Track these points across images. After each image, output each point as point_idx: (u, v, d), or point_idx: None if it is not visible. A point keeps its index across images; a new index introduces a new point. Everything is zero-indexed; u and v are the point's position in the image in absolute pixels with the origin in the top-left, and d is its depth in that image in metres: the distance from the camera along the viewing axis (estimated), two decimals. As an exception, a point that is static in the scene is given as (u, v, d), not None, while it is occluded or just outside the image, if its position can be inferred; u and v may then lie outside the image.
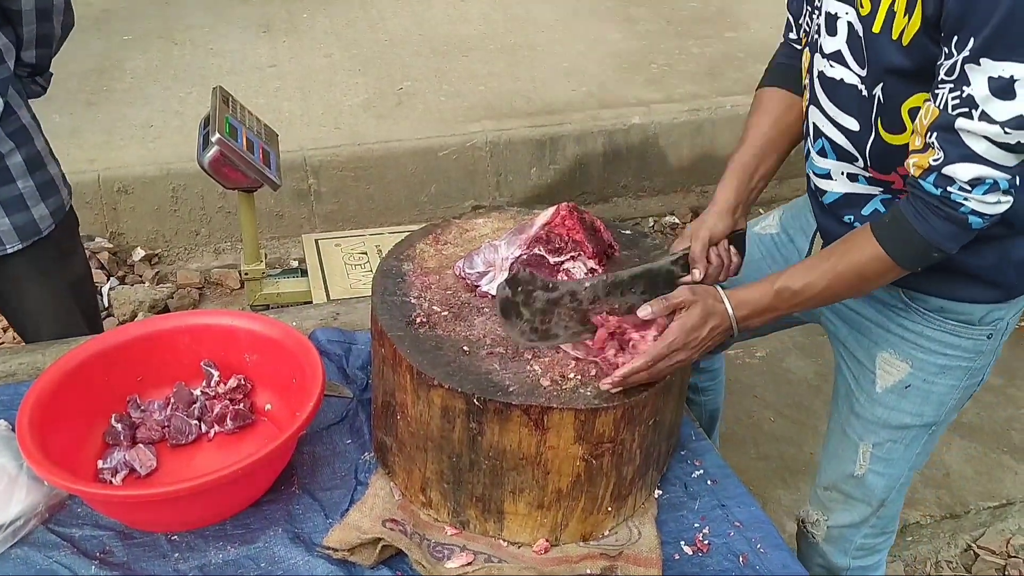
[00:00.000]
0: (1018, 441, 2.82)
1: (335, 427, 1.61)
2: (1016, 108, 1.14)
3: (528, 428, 1.27)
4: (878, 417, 1.58)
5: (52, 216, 1.84)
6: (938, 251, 1.28)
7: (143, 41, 4.61)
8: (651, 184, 4.17)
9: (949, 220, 1.24)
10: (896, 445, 1.60)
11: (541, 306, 1.34)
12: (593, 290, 1.36)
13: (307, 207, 3.72)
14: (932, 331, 1.48)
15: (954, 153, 1.20)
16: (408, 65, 4.47)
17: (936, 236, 1.26)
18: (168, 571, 1.34)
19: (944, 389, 1.53)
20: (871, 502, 1.66)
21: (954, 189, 1.22)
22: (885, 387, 1.55)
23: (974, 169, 1.19)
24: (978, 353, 1.50)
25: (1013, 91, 1.13)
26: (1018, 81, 1.12)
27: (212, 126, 2.51)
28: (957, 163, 1.20)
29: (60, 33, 1.80)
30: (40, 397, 1.42)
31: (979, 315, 1.45)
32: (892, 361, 1.53)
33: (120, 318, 3.25)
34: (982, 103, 1.15)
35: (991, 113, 1.15)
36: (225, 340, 1.62)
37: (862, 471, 1.63)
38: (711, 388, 2.06)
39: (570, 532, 1.40)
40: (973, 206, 1.22)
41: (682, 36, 4.91)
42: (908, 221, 1.28)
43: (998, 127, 1.15)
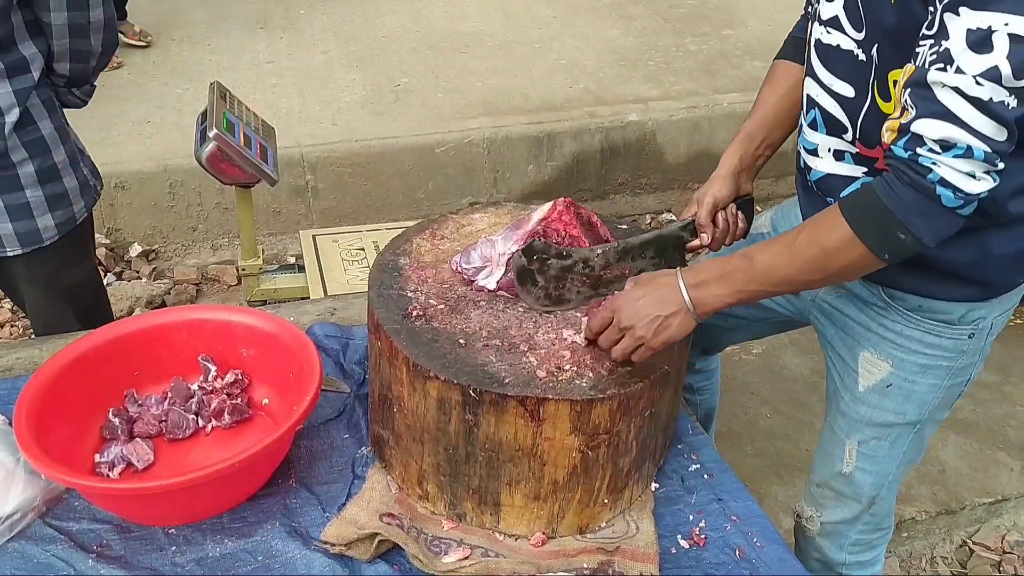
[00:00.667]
0: (1013, 438, 2.83)
1: (332, 422, 1.62)
2: (991, 60, 1.08)
3: (524, 420, 1.27)
4: (862, 415, 1.57)
5: (57, 228, 1.82)
6: (904, 230, 1.18)
7: (140, 37, 4.60)
8: (648, 181, 4.17)
9: (915, 188, 1.15)
10: (881, 443, 1.59)
11: (555, 273, 1.42)
12: (605, 256, 1.44)
13: (304, 203, 3.72)
14: (911, 330, 1.46)
15: (925, 108, 1.13)
16: (405, 62, 4.47)
17: (899, 206, 1.17)
18: (165, 564, 1.35)
19: (925, 388, 1.51)
20: (860, 499, 1.66)
21: (923, 150, 1.14)
22: (867, 386, 1.55)
23: (944, 128, 1.12)
24: (959, 353, 1.47)
25: (990, 43, 1.07)
26: (996, 32, 1.07)
27: (209, 122, 2.51)
28: (926, 118, 1.13)
29: (100, 50, 1.78)
30: (37, 391, 1.42)
31: (958, 314, 1.42)
32: (873, 360, 1.52)
33: (117, 314, 3.23)
34: (957, 56, 1.09)
35: (965, 65, 1.09)
36: (222, 335, 1.62)
37: (849, 469, 1.63)
38: (707, 388, 2.06)
39: (567, 524, 1.40)
40: (943, 172, 1.13)
41: (679, 33, 4.91)
42: (874, 191, 1.21)
43: (969, 78, 1.09)
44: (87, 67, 1.80)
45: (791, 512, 2.50)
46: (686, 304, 1.31)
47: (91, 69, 1.82)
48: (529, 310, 1.44)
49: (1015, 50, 1.07)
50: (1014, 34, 1.07)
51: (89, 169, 1.93)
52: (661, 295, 1.32)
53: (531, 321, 1.42)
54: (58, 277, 1.90)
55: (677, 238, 1.51)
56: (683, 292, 1.31)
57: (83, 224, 1.91)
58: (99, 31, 1.75)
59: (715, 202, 1.51)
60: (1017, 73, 1.08)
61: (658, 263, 1.46)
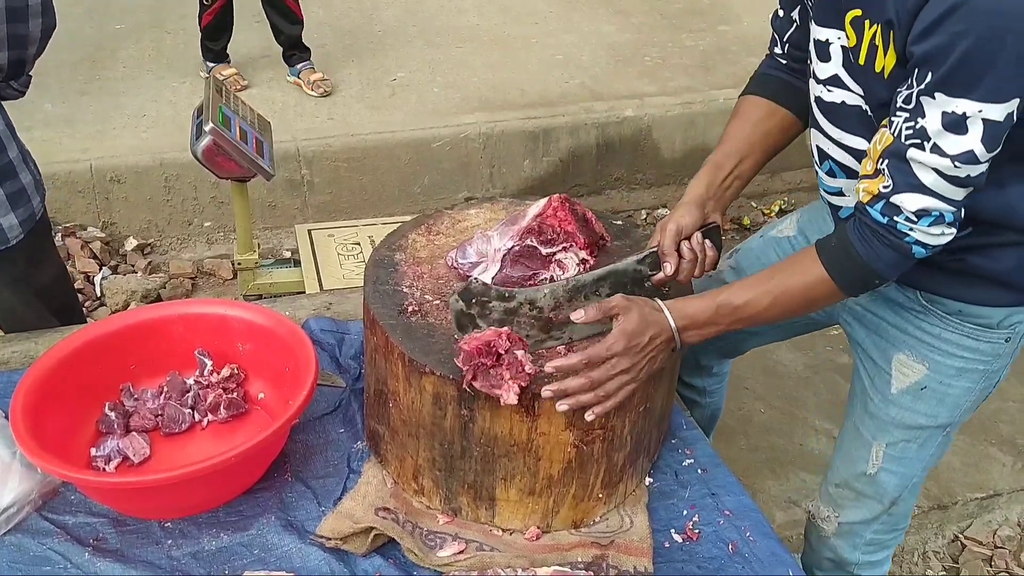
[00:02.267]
0: (1006, 433, 2.84)
1: (328, 416, 1.62)
2: (966, 143, 1.14)
3: (519, 415, 1.28)
4: (892, 417, 1.57)
5: (21, 226, 1.76)
6: (879, 277, 1.30)
7: (136, 30, 4.59)
8: (644, 177, 4.18)
9: (893, 248, 1.25)
10: (910, 445, 1.59)
11: (498, 316, 1.31)
12: (553, 295, 1.32)
13: (300, 198, 3.72)
14: (950, 334, 1.47)
15: (903, 182, 1.20)
16: (402, 56, 4.46)
17: (879, 263, 1.27)
18: (161, 558, 1.35)
19: (960, 391, 1.52)
20: (883, 500, 1.65)
21: (900, 219, 1.23)
22: (901, 388, 1.54)
23: (921, 200, 1.20)
24: (995, 356, 1.49)
25: (965, 127, 1.14)
26: (970, 118, 1.13)
27: (205, 115, 2.51)
28: (905, 192, 1.21)
29: (39, 35, 1.68)
30: (33, 385, 1.43)
31: (998, 319, 1.44)
32: (908, 363, 1.52)
33: (112, 308, 3.25)
34: (934, 136, 1.16)
35: (942, 146, 1.16)
36: (218, 329, 1.62)
37: (874, 470, 1.62)
38: (717, 390, 2.06)
39: (561, 519, 1.41)
40: (918, 237, 1.23)
41: (675, 29, 4.91)
42: (853, 246, 1.28)
43: (948, 160, 1.16)
44: (24, 54, 1.68)
45: (784, 506, 2.53)
46: (676, 340, 1.31)
47: (28, 56, 1.70)
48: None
49: (988, 132, 1.14)
50: (987, 119, 1.13)
51: (34, 165, 1.86)
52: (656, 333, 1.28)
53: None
54: (29, 277, 1.86)
55: (635, 272, 1.39)
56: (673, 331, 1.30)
57: (43, 220, 1.86)
58: (38, 15, 1.64)
59: (678, 229, 1.42)
60: (990, 148, 1.16)
61: None
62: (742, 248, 1.81)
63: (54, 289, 1.95)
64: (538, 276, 1.45)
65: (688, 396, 1.97)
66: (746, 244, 1.82)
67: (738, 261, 1.78)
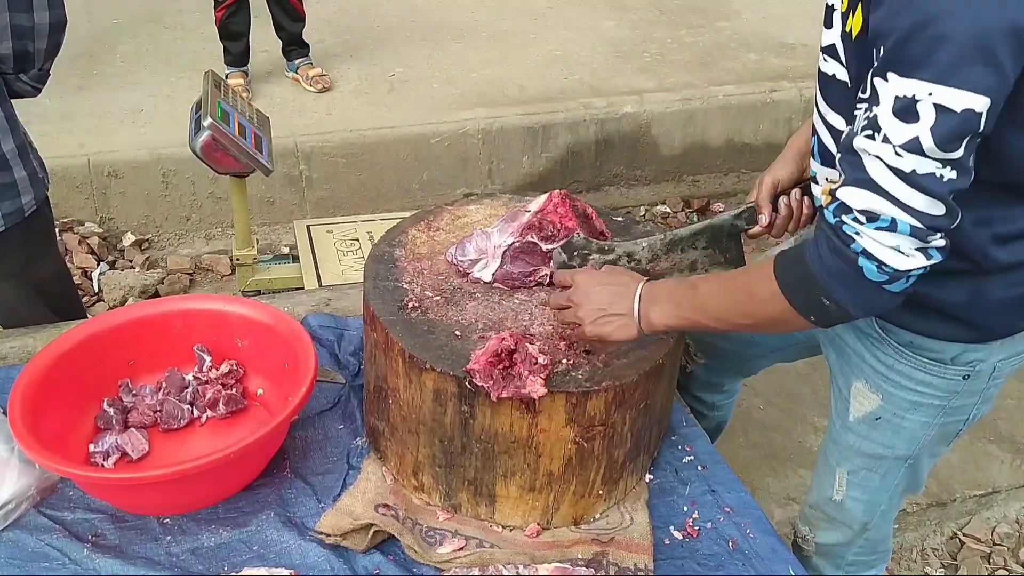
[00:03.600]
0: (1004, 430, 2.84)
1: (327, 413, 1.62)
2: (914, 130, 1.02)
3: (519, 411, 1.28)
4: (851, 444, 1.54)
5: (3, 219, 1.73)
6: (828, 295, 1.13)
7: (133, 25, 4.58)
8: (643, 173, 4.17)
9: (839, 255, 1.11)
10: (872, 474, 1.55)
11: (598, 267, 1.36)
12: (651, 249, 1.36)
13: (299, 193, 3.72)
14: (903, 366, 1.40)
15: (851, 175, 1.09)
16: (400, 52, 4.45)
17: (822, 270, 1.12)
18: (160, 554, 1.35)
19: (915, 425, 1.45)
20: (852, 525, 1.63)
21: (848, 219, 1.09)
22: (857, 416, 1.50)
23: (867, 198, 1.07)
24: (952, 393, 1.40)
25: (915, 113, 1.01)
26: (920, 102, 1.01)
27: (204, 111, 2.50)
28: (852, 186, 1.08)
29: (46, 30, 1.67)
30: (32, 380, 1.42)
31: (951, 354, 1.36)
32: (864, 392, 1.47)
33: (110, 303, 3.24)
34: (884, 124, 1.04)
35: (889, 134, 1.04)
36: (217, 325, 1.62)
37: (840, 496, 1.60)
38: (725, 406, 2.05)
39: (561, 515, 1.41)
40: (865, 243, 1.08)
41: (675, 25, 4.90)
42: (804, 252, 1.16)
43: (890, 147, 1.04)
44: (31, 47, 1.66)
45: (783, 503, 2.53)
46: (634, 312, 1.28)
47: (38, 51, 1.69)
48: (525, 302, 1.45)
49: (940, 120, 1.01)
50: (939, 104, 1.00)
51: (37, 161, 1.86)
52: (616, 291, 1.28)
53: (527, 313, 1.42)
54: (26, 271, 1.85)
55: (731, 227, 1.40)
56: (635, 300, 1.28)
57: (41, 215, 1.84)
58: (44, 8, 1.63)
59: (775, 183, 1.39)
60: (942, 144, 1.02)
61: (711, 254, 1.36)
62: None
63: (53, 285, 1.95)
64: (538, 272, 1.45)
65: (695, 408, 1.96)
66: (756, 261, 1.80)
67: None
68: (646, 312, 1.27)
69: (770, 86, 4.22)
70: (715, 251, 1.39)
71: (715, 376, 1.91)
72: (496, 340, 1.26)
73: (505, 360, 1.25)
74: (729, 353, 1.80)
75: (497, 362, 1.24)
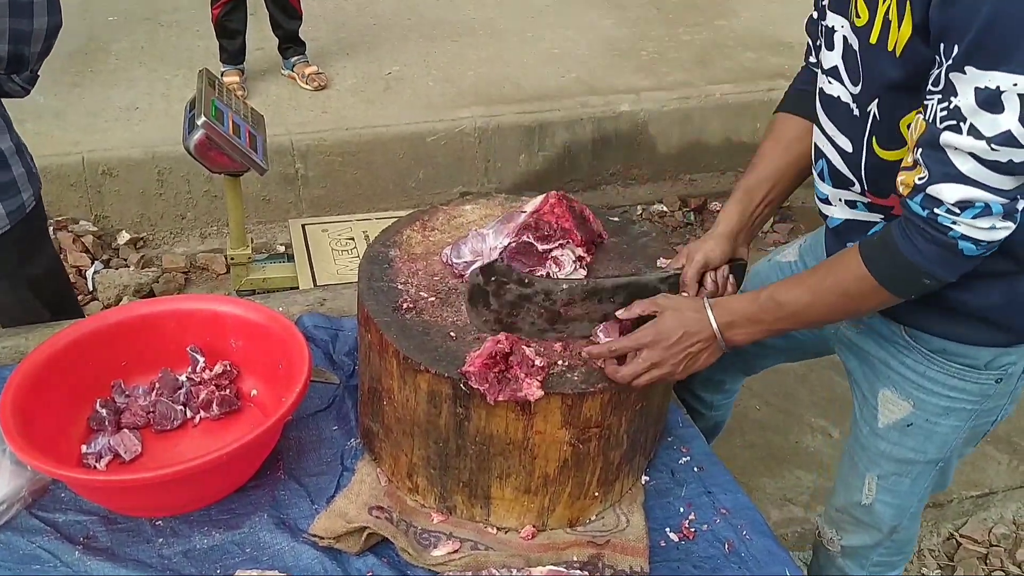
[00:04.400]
0: (1002, 432, 2.84)
1: (321, 413, 1.61)
2: (1004, 123, 1.04)
3: (515, 413, 1.27)
4: (881, 451, 1.54)
5: (8, 217, 1.75)
6: (929, 277, 1.18)
7: (129, 23, 4.56)
8: (640, 172, 4.17)
9: (936, 244, 1.15)
10: (902, 479, 1.55)
11: (511, 299, 1.33)
12: (570, 292, 1.34)
13: (294, 192, 3.70)
14: (935, 372, 1.40)
15: (938, 172, 1.11)
16: (397, 50, 4.44)
17: (922, 259, 1.17)
18: (152, 556, 1.34)
19: (947, 430, 1.46)
20: (881, 528, 1.63)
21: (941, 211, 1.12)
22: (887, 424, 1.50)
23: (961, 190, 1.10)
24: (984, 397, 1.41)
25: (1000, 103, 1.04)
26: (1005, 93, 1.03)
27: (198, 109, 2.49)
28: (942, 183, 1.11)
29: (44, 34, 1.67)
30: (23, 381, 1.41)
31: (985, 359, 1.37)
32: (894, 399, 1.47)
33: (105, 302, 3.23)
34: (969, 115, 1.06)
35: (979, 127, 1.06)
36: (211, 325, 1.60)
37: (869, 500, 1.60)
38: (724, 406, 2.05)
39: (557, 517, 1.40)
40: (963, 230, 1.12)
41: (672, 23, 4.90)
42: (894, 241, 1.19)
43: (984, 143, 1.06)
44: (27, 50, 1.66)
45: (780, 504, 2.52)
46: (719, 343, 1.32)
47: (32, 54, 1.68)
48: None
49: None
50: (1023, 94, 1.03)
51: (30, 157, 1.86)
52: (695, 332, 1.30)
53: (522, 314, 1.41)
54: (22, 269, 1.85)
55: (654, 289, 1.39)
56: (715, 328, 1.31)
57: (36, 212, 1.85)
58: (43, 14, 1.64)
59: (706, 262, 1.41)
60: None
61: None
62: (750, 274, 1.81)
63: (47, 283, 1.94)
64: (535, 272, 1.44)
65: (695, 407, 1.96)
66: (754, 268, 1.80)
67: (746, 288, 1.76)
68: (730, 337, 1.32)
69: (768, 85, 4.21)
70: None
71: (718, 374, 1.91)
72: (491, 343, 1.25)
73: (501, 363, 1.24)
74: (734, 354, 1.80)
75: (493, 365, 1.24)
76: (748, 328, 1.31)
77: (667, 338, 1.28)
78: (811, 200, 1.48)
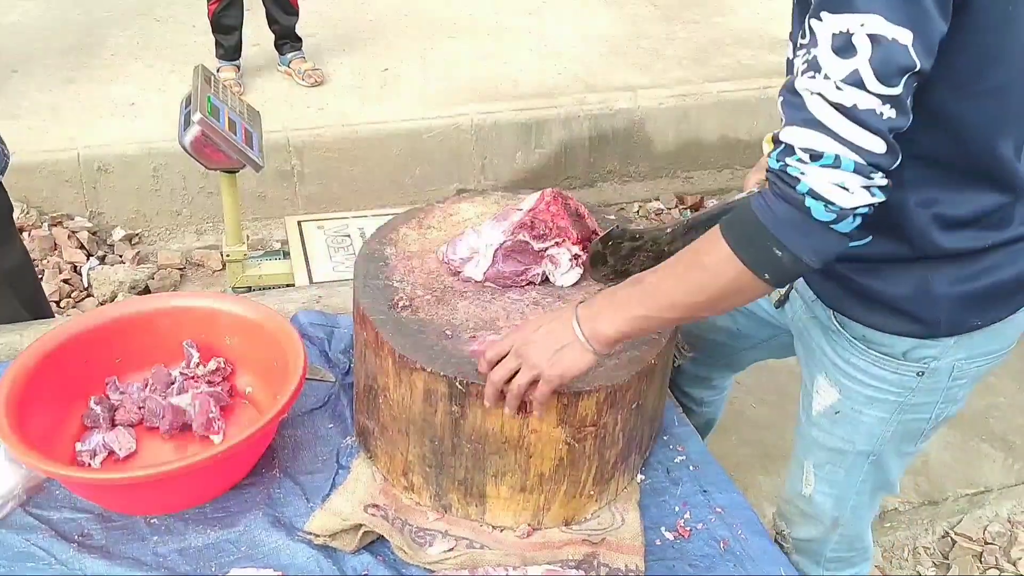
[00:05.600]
0: (997, 429, 2.84)
1: (317, 411, 1.60)
2: (852, 64, 1.02)
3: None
4: (814, 438, 1.55)
5: None
6: (779, 245, 1.10)
7: (124, 18, 4.54)
8: (636, 169, 4.16)
9: (786, 200, 1.08)
10: (836, 468, 1.55)
11: (625, 253, 1.47)
12: (673, 234, 1.45)
13: (290, 189, 3.70)
14: (858, 360, 1.41)
15: (793, 116, 1.08)
16: (393, 46, 4.43)
17: (772, 219, 1.09)
18: (147, 554, 1.33)
19: (872, 420, 1.45)
20: (823, 520, 1.63)
21: (792, 160, 1.07)
22: (819, 410, 1.52)
23: (811, 136, 1.05)
24: (907, 389, 1.40)
25: (852, 47, 1.02)
26: (854, 35, 1.02)
27: (194, 105, 2.48)
28: (794, 126, 1.07)
29: None
30: (17, 378, 1.41)
31: (902, 349, 1.36)
32: (825, 385, 1.48)
33: (100, 298, 3.22)
34: (823, 63, 1.04)
35: (829, 71, 1.04)
36: (206, 322, 1.60)
37: (809, 490, 1.60)
38: (714, 402, 2.05)
39: (552, 516, 1.40)
40: (811, 183, 1.05)
41: (669, 21, 4.89)
42: (749, 204, 1.13)
43: (831, 83, 1.03)
44: None
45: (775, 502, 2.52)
46: (579, 337, 1.23)
47: None
48: (516, 301, 1.43)
49: (877, 52, 1.02)
50: (872, 34, 1.01)
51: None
52: (556, 328, 1.24)
53: (518, 313, 1.41)
54: None
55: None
56: (576, 326, 1.23)
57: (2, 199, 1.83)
58: None
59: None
60: (881, 76, 1.02)
61: None
62: None
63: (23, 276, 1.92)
64: (530, 271, 1.44)
65: (684, 404, 1.96)
66: None
67: None
68: (591, 330, 1.21)
69: (764, 82, 4.20)
70: None
71: (703, 370, 1.91)
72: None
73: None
74: (716, 345, 1.80)
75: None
76: (611, 314, 1.21)
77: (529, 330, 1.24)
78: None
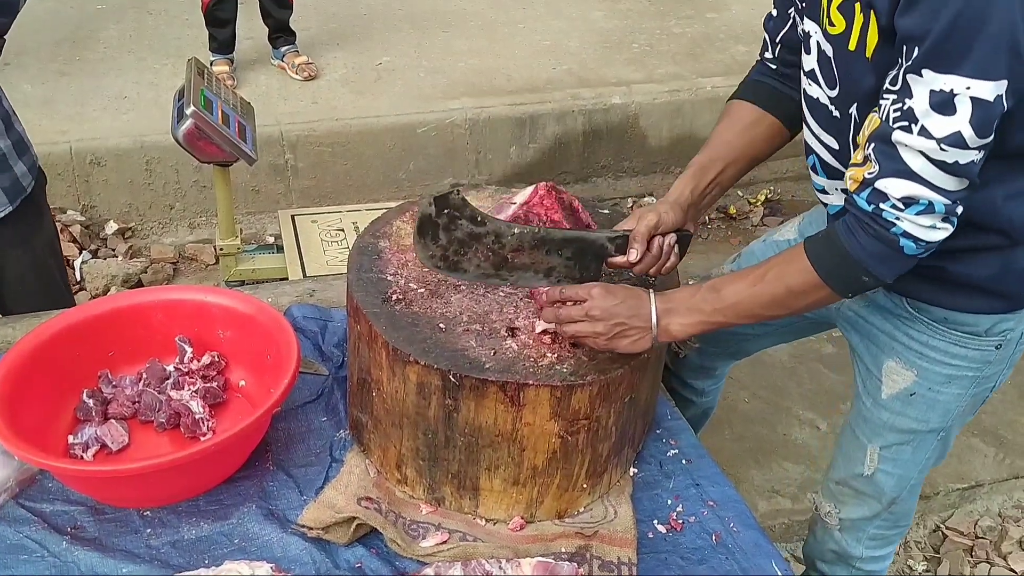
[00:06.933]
0: (988, 424, 2.86)
1: (310, 405, 1.60)
2: (954, 124, 1.10)
3: (504, 405, 1.27)
4: (884, 421, 1.57)
5: (30, 172, 1.81)
6: (868, 274, 1.23)
7: (117, 11, 4.53)
8: (630, 164, 4.17)
9: (879, 239, 1.19)
10: (904, 448, 1.58)
11: (461, 236, 1.33)
12: (520, 238, 1.35)
13: (284, 182, 3.69)
14: (938, 341, 1.45)
15: (889, 167, 1.16)
16: (387, 40, 4.43)
17: (864, 255, 1.21)
18: (140, 547, 1.33)
19: (949, 398, 1.50)
20: (881, 499, 1.66)
21: (886, 206, 1.17)
22: (890, 394, 1.54)
23: (907, 186, 1.15)
24: (985, 363, 1.46)
25: (953, 106, 1.09)
26: (958, 96, 1.08)
27: (187, 99, 2.47)
28: (891, 177, 1.16)
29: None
30: (10, 371, 1.40)
31: (985, 326, 1.41)
32: (898, 369, 1.51)
33: (93, 292, 3.22)
34: (922, 117, 1.11)
35: (929, 128, 1.11)
36: (199, 316, 1.60)
37: (871, 471, 1.63)
38: (713, 391, 2.06)
39: (545, 509, 1.40)
40: (905, 227, 1.17)
41: (664, 16, 4.89)
42: (839, 236, 1.23)
43: (934, 143, 1.11)
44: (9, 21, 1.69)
45: (767, 496, 2.54)
46: (652, 324, 1.30)
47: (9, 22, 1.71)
48: (510, 295, 1.44)
49: (977, 113, 1.09)
50: (976, 98, 1.08)
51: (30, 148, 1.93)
52: (635, 305, 1.30)
53: (512, 306, 1.42)
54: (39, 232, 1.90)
55: (601, 247, 1.39)
56: (653, 312, 1.30)
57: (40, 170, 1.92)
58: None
59: (658, 223, 1.40)
60: (980, 132, 1.10)
61: (571, 266, 1.37)
62: (744, 252, 1.82)
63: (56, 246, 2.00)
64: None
65: (685, 395, 1.97)
66: (749, 248, 1.82)
67: (740, 265, 1.77)
68: (665, 325, 1.31)
69: (758, 78, 4.20)
70: (576, 265, 1.38)
71: (708, 360, 1.92)
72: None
73: None
74: (727, 335, 1.81)
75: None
76: (685, 317, 1.31)
77: (612, 297, 1.29)
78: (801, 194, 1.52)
